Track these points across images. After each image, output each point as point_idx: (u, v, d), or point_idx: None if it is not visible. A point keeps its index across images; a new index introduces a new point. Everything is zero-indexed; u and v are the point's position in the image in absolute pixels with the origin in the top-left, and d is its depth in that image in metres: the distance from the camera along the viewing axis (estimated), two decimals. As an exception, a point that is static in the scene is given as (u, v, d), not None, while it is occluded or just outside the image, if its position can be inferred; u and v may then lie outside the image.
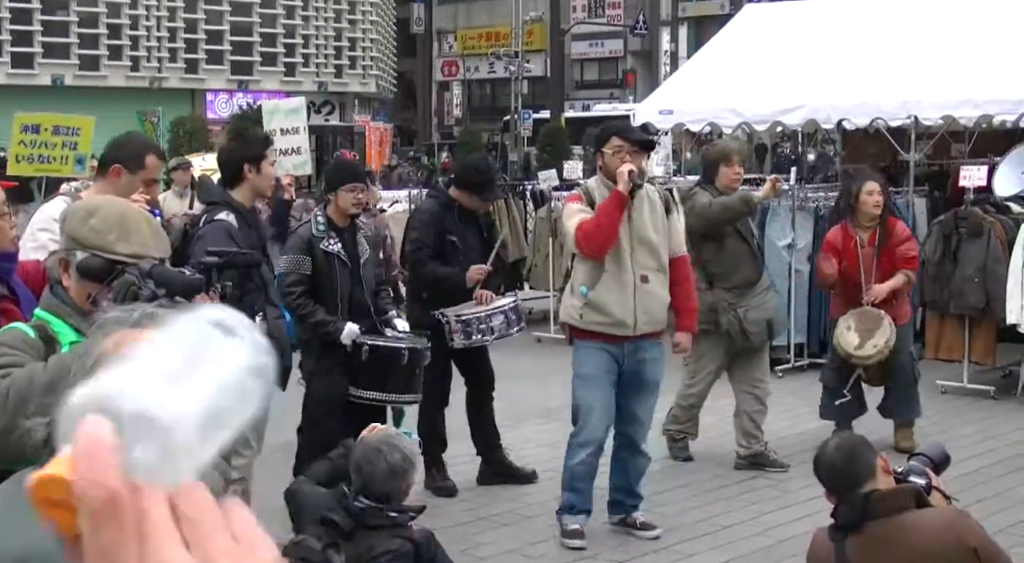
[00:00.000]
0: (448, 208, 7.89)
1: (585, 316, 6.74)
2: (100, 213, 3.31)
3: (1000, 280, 10.16)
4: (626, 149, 6.68)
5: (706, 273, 8.22)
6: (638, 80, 55.70)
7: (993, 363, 10.76)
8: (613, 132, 6.88)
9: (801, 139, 18.70)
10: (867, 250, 8.68)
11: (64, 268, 3.26)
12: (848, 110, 13.18)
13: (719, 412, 9.81)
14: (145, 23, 40.93)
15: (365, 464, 4.52)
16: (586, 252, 6.67)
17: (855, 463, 3.93)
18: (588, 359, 6.82)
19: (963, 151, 14.58)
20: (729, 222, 8.20)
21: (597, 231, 6.57)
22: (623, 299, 6.65)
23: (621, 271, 6.66)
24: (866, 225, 8.74)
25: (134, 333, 1.99)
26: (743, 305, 8.22)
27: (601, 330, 6.73)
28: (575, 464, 6.88)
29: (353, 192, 7.12)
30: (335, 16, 45.97)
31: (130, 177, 5.21)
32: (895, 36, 13.72)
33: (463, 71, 62.92)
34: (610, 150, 6.71)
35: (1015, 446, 8.93)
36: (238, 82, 43.30)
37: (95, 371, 1.91)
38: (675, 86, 15.83)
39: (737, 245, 8.32)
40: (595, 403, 6.82)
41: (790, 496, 7.68)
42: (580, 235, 6.59)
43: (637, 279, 6.67)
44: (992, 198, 11.50)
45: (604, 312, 6.68)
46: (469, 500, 7.71)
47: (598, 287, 6.66)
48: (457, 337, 7.63)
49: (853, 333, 8.60)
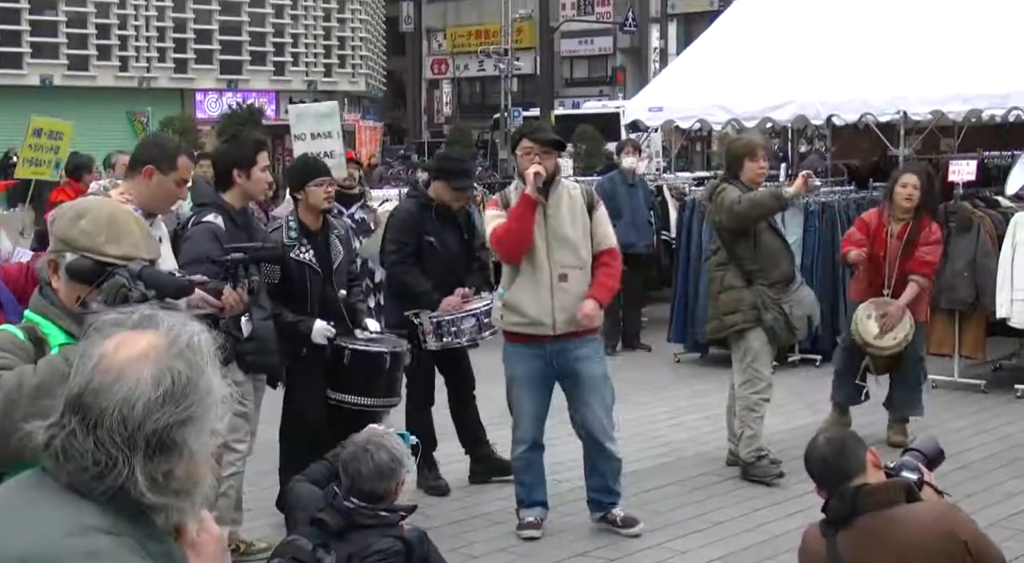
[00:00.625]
0: (426, 208, 7.83)
1: (505, 317, 6.82)
2: (90, 215, 3.30)
3: (990, 274, 10.19)
4: (535, 150, 6.66)
5: (742, 271, 8.05)
6: (627, 77, 55.78)
7: (983, 357, 10.79)
8: (523, 134, 6.91)
9: (791, 135, 18.72)
10: (895, 243, 8.65)
11: (54, 269, 3.24)
12: (837, 106, 13.22)
13: (709, 408, 9.84)
14: (134, 23, 40.83)
15: (352, 464, 4.52)
16: (502, 256, 6.80)
17: (845, 457, 3.94)
18: (514, 361, 6.90)
19: (952, 146, 14.61)
20: (759, 218, 8.02)
21: (508, 234, 6.64)
22: (538, 298, 6.67)
23: (536, 271, 6.68)
24: (899, 217, 8.70)
25: (134, 335, 2.00)
26: (787, 301, 8.03)
27: (520, 330, 6.78)
28: (513, 459, 7.06)
29: (322, 187, 6.96)
30: (324, 15, 45.90)
31: (162, 178, 5.20)
32: (884, 32, 13.74)
33: (453, 69, 62.90)
34: (521, 152, 6.71)
35: (1006, 440, 8.96)
36: (227, 81, 43.21)
37: (94, 374, 1.93)
38: (664, 83, 15.86)
39: (772, 240, 8.15)
40: (524, 404, 6.90)
41: (782, 492, 7.69)
42: (494, 240, 6.71)
43: (555, 278, 6.66)
44: (981, 192, 11.54)
45: (519, 312, 6.72)
46: (461, 499, 7.71)
47: (512, 288, 6.73)
48: (430, 339, 7.59)
49: (873, 322, 8.62)
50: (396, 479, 4.51)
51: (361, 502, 4.46)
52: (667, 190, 14.24)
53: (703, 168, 28.21)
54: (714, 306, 8.27)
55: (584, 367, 6.83)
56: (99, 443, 1.90)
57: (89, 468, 1.91)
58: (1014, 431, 9.20)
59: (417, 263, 7.70)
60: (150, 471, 1.92)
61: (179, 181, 5.27)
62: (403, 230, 7.79)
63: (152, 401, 1.92)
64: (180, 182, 5.26)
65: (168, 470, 1.95)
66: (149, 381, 1.93)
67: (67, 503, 1.93)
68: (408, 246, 7.70)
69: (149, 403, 1.92)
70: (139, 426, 1.91)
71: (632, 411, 9.90)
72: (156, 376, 1.94)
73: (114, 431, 1.90)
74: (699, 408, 10.08)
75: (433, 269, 7.73)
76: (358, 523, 4.45)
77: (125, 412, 1.91)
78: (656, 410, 10.06)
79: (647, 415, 9.86)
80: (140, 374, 1.93)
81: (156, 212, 5.34)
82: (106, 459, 1.90)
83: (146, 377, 1.93)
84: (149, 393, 1.92)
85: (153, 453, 1.92)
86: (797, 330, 8.17)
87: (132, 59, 40.74)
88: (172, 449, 1.94)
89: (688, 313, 12.06)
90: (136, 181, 5.27)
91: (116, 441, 1.90)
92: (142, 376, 1.93)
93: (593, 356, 6.92)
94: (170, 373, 1.94)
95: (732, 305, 8.05)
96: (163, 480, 1.94)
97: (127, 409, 1.91)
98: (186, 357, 1.98)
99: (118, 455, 1.90)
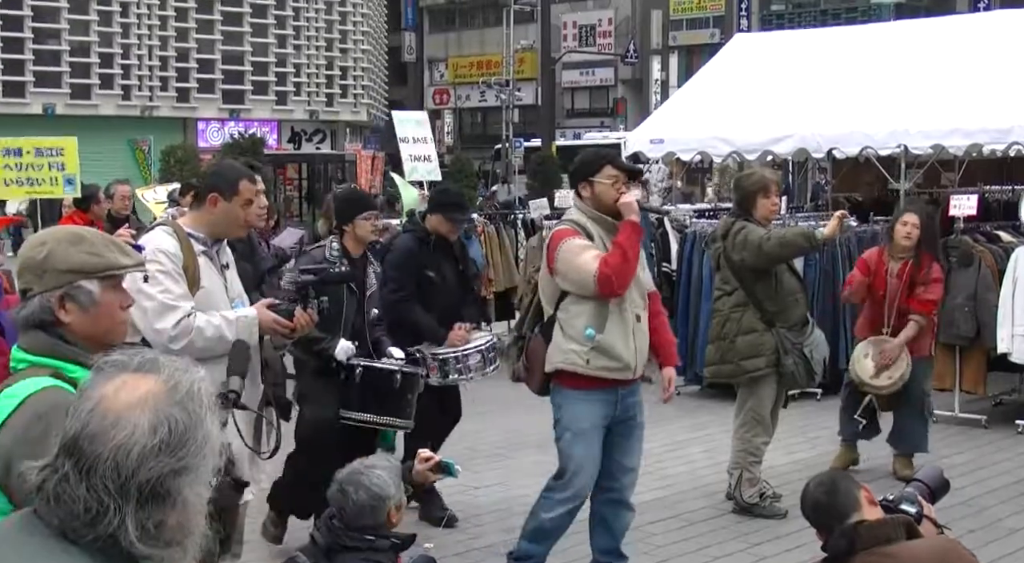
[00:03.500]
0: (423, 242, 7.85)
1: (592, 361, 6.13)
2: (80, 237, 3.26)
3: (990, 309, 10.18)
4: (621, 179, 6.25)
5: (762, 313, 7.87)
6: (629, 108, 56.02)
7: (984, 392, 10.77)
8: (606, 161, 6.33)
9: (792, 168, 18.75)
10: (895, 281, 8.66)
11: (61, 304, 3.17)
12: (838, 139, 13.23)
13: (709, 441, 9.82)
14: (137, 52, 41.01)
15: (335, 503, 4.55)
16: (614, 289, 6.05)
17: (837, 496, 3.94)
18: (588, 412, 6.24)
19: (953, 180, 14.62)
20: (787, 259, 7.93)
21: (626, 266, 6.04)
22: (626, 341, 6.17)
23: (623, 311, 6.18)
24: (899, 255, 8.71)
25: (134, 379, 1.97)
26: (807, 345, 7.89)
27: (606, 375, 6.17)
28: (550, 518, 6.37)
29: (369, 220, 7.13)
30: (326, 45, 46.10)
31: (226, 204, 5.21)
32: (884, 66, 13.79)
33: (454, 99, 63.17)
34: (607, 180, 6.19)
35: (1007, 476, 8.93)
36: (229, 111, 43.35)
37: (92, 417, 1.90)
38: (666, 115, 15.89)
39: (792, 281, 8.03)
40: (588, 460, 6.28)
41: (782, 527, 7.65)
42: (608, 271, 5.98)
43: (633, 318, 6.23)
44: (982, 227, 11.55)
45: (613, 356, 6.14)
46: (464, 530, 7.67)
47: (606, 329, 6.13)
48: (433, 375, 7.56)
49: (869, 361, 8.62)
50: (381, 512, 4.51)
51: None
52: (668, 222, 14.25)
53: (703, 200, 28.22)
54: (728, 349, 7.98)
55: (638, 412, 6.44)
56: (91, 489, 1.87)
57: (80, 515, 1.88)
58: (1015, 467, 9.17)
59: (417, 299, 7.71)
60: (141, 520, 1.89)
61: (244, 203, 5.26)
62: (403, 266, 7.78)
63: (148, 449, 1.88)
64: (245, 204, 5.25)
65: (160, 520, 1.91)
66: (146, 428, 1.89)
67: (57, 550, 1.89)
68: (409, 282, 7.70)
69: (144, 451, 1.88)
70: (133, 474, 1.87)
71: (632, 444, 9.89)
72: (153, 424, 1.90)
73: (107, 478, 1.87)
74: (699, 441, 10.05)
75: (433, 303, 7.75)
76: (343, 544, 4.48)
77: (119, 459, 1.87)
78: (656, 443, 10.01)
79: (647, 448, 9.69)
80: (138, 421, 1.89)
81: (229, 237, 5.33)
82: (97, 506, 1.87)
83: (143, 424, 1.89)
84: (145, 441, 1.88)
85: (145, 502, 1.89)
86: (815, 374, 8.08)
87: (134, 88, 40.92)
88: (165, 499, 1.90)
89: (688, 345, 12.05)
90: (203, 211, 5.33)
91: (109, 488, 1.87)
92: (139, 423, 1.89)
93: (643, 399, 6.55)
94: (168, 422, 1.91)
95: (753, 350, 7.87)
96: (155, 530, 1.90)
97: (121, 456, 1.87)
98: (185, 406, 1.94)
99: (110, 503, 1.87)
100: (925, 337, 8.90)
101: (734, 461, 8.10)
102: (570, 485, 6.30)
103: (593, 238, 6.17)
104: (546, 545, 6.47)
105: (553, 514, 6.35)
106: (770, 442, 8.18)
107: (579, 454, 6.25)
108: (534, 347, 6.37)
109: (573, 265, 6.09)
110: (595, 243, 6.16)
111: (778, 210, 8.44)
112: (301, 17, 45.05)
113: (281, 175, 42.28)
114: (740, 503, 8.02)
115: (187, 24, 41.96)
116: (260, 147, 33.02)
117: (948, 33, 14.75)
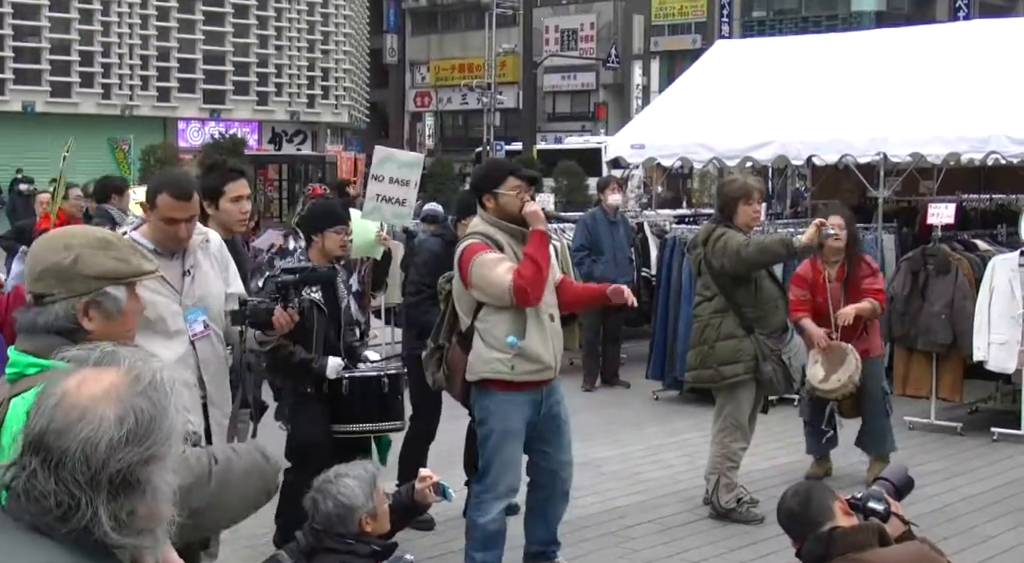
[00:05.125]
0: (451, 245, 7.81)
1: (517, 367, 6.30)
2: (109, 242, 3.23)
3: (967, 317, 10.23)
4: (524, 187, 6.40)
5: (742, 319, 7.91)
6: (610, 113, 56.11)
7: (960, 400, 10.82)
8: (507, 171, 6.50)
9: (771, 174, 18.82)
10: (835, 285, 8.75)
11: (86, 311, 3.11)
12: (818, 146, 13.29)
13: (687, 446, 9.85)
14: (117, 51, 40.89)
15: (309, 510, 4.64)
16: (530, 300, 6.22)
17: (811, 506, 4.01)
18: (515, 413, 6.41)
19: (932, 188, 14.70)
20: (765, 265, 7.96)
21: (538, 277, 6.21)
22: (545, 343, 6.35)
23: (539, 314, 6.34)
24: (832, 260, 8.81)
25: (95, 373, 1.99)
26: (786, 352, 7.96)
27: (531, 378, 6.36)
28: (489, 520, 6.48)
29: (340, 234, 6.95)
30: (308, 46, 46.05)
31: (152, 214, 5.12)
32: (865, 74, 13.86)
33: (436, 102, 63.17)
34: (511, 191, 6.33)
35: (982, 483, 8.98)
36: (210, 110, 43.27)
37: (56, 413, 1.91)
38: (647, 120, 15.94)
39: (772, 288, 8.07)
40: (517, 456, 6.54)
41: (759, 531, 7.68)
42: (522, 283, 6.13)
43: (547, 319, 6.40)
44: (959, 235, 11.62)
45: (535, 360, 6.32)
46: (441, 533, 7.67)
47: (526, 335, 6.28)
48: None
49: (819, 367, 8.67)
50: (351, 521, 4.55)
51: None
52: (648, 227, 14.32)
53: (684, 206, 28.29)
54: (708, 354, 8.01)
55: (562, 408, 6.67)
56: (61, 484, 1.88)
57: (52, 509, 1.89)
58: (991, 474, 9.23)
59: (436, 302, 7.67)
60: (114, 511, 1.90)
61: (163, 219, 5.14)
62: (427, 271, 7.76)
63: (116, 440, 1.89)
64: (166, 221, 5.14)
65: (132, 509, 1.93)
66: (113, 420, 1.91)
67: (30, 544, 1.90)
68: (430, 286, 7.64)
69: (112, 443, 1.89)
70: (102, 466, 1.89)
71: (610, 448, 9.91)
72: (120, 415, 1.91)
73: (76, 471, 1.88)
74: (677, 446, 10.08)
75: None
76: (324, 546, 4.53)
77: (88, 452, 1.88)
78: (634, 447, 10.06)
79: (625, 452, 9.87)
80: (104, 413, 1.91)
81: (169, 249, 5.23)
82: (69, 500, 1.88)
83: (109, 416, 1.91)
84: (113, 432, 1.90)
85: (117, 493, 1.90)
86: (794, 381, 8.14)
87: (115, 87, 40.81)
88: (136, 488, 1.92)
89: (667, 350, 12.08)
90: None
91: (79, 481, 1.88)
92: (105, 415, 1.91)
93: (563, 397, 6.75)
94: (134, 412, 1.92)
95: (732, 355, 7.90)
96: (127, 519, 1.92)
97: (90, 449, 1.88)
98: (149, 395, 1.96)
99: (81, 496, 1.88)
100: (874, 338, 8.97)
101: (712, 466, 8.14)
102: (500, 482, 6.48)
103: (503, 248, 6.32)
104: (497, 551, 6.57)
105: (490, 515, 6.49)
106: (748, 448, 8.22)
107: (508, 452, 6.47)
108: (453, 356, 6.52)
109: (487, 279, 6.22)
110: (505, 253, 6.30)
111: (760, 218, 8.46)
112: (283, 18, 44.99)
113: (262, 176, 42.20)
114: (717, 508, 8.06)
115: (168, 23, 41.87)
116: (241, 147, 32.94)
117: (928, 42, 14.82)
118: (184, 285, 5.05)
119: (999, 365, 10.19)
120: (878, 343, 9.10)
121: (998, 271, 10.19)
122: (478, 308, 6.36)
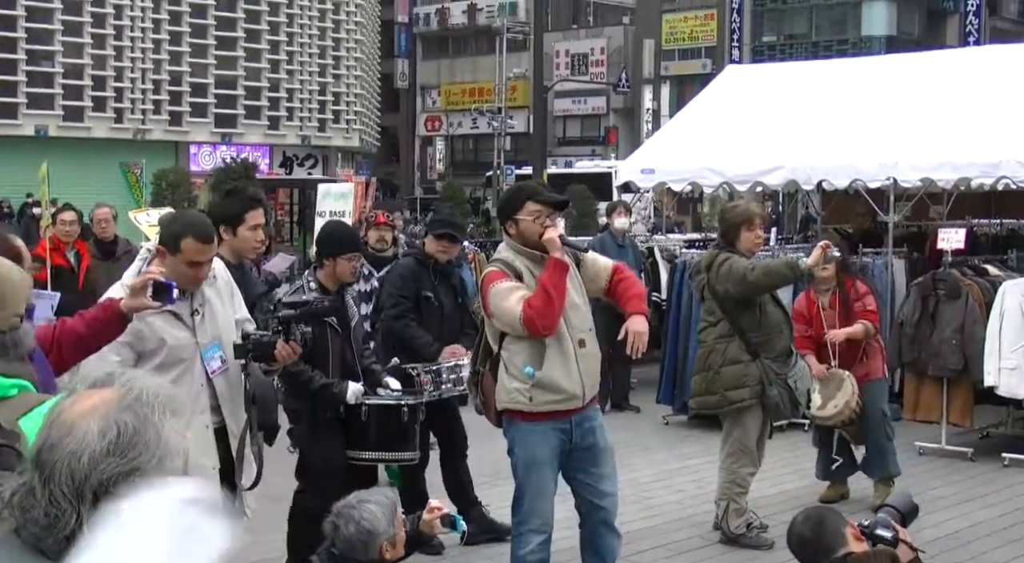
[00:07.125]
0: (423, 264, 7.95)
1: (536, 398, 6.12)
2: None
3: (978, 342, 10.22)
4: (545, 212, 6.19)
5: (747, 344, 7.89)
6: (620, 137, 56.19)
7: (971, 425, 10.79)
8: (526, 196, 6.27)
9: (782, 199, 18.82)
10: (829, 312, 8.82)
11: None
12: (828, 171, 13.29)
13: (696, 471, 9.83)
14: (130, 75, 41.10)
15: (328, 535, 4.62)
16: (540, 330, 6.02)
17: (823, 532, 3.99)
18: (540, 443, 6.22)
19: (941, 213, 14.67)
20: (771, 288, 7.95)
21: (549, 307, 5.99)
22: (569, 371, 6.12)
23: (561, 342, 6.11)
24: (824, 288, 8.87)
25: (90, 392, 2.03)
26: (792, 376, 7.93)
27: (553, 408, 6.16)
28: (528, 552, 6.31)
29: (352, 262, 6.92)
30: (319, 70, 46.24)
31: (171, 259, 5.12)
32: (875, 99, 13.87)
33: (446, 126, 63.34)
34: (529, 216, 6.15)
35: (993, 509, 8.94)
36: (222, 135, 43.43)
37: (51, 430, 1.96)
38: (657, 145, 15.96)
39: (776, 311, 8.05)
40: (547, 487, 6.29)
41: (769, 557, 7.67)
42: (532, 313, 5.96)
43: (576, 345, 6.16)
44: (970, 260, 11.60)
45: (555, 390, 6.11)
46: (451, 558, 7.66)
47: (545, 365, 6.09)
48: (427, 388, 7.50)
49: (817, 395, 8.70)
50: (372, 548, 4.53)
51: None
52: (658, 251, 14.32)
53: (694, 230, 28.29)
54: (714, 380, 7.99)
55: (601, 436, 6.37)
56: (52, 497, 1.93)
57: (40, 520, 1.93)
58: (1001, 500, 9.19)
59: (415, 318, 7.77)
60: None
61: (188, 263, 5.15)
62: (402, 285, 7.88)
63: (97, 452, 1.93)
64: (191, 265, 5.15)
65: None
66: (95, 433, 1.94)
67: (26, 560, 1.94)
68: (407, 301, 7.76)
69: (94, 454, 1.93)
70: (85, 477, 1.93)
71: (620, 473, 9.81)
72: (102, 428, 1.95)
73: (62, 483, 1.93)
74: (687, 471, 10.07)
75: (430, 325, 7.86)
76: None
77: (72, 464, 1.93)
78: (644, 472, 10.05)
79: (635, 477, 9.85)
80: (88, 427, 1.95)
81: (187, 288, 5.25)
82: (56, 512, 1.93)
83: (93, 429, 1.95)
84: (95, 445, 1.93)
85: (99, 504, 1.93)
86: (800, 405, 8.13)
87: (127, 111, 41.01)
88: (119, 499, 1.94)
89: (677, 375, 12.07)
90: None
91: (65, 493, 1.92)
92: (89, 429, 1.95)
93: (603, 422, 6.49)
94: (116, 425, 1.96)
95: (737, 380, 7.89)
96: None
97: (74, 461, 1.93)
98: (134, 409, 1.98)
99: (67, 507, 1.92)
100: (873, 360, 8.98)
101: (721, 492, 8.12)
102: (534, 514, 6.31)
103: (523, 275, 6.15)
104: None
105: (528, 547, 6.32)
106: (757, 473, 8.20)
107: (535, 482, 6.27)
108: (486, 384, 6.40)
109: (501, 309, 6.09)
110: (525, 280, 6.14)
111: (762, 243, 8.47)
112: (294, 43, 45.19)
113: (272, 200, 42.24)
114: (727, 534, 8.04)
115: (180, 48, 42.09)
116: (252, 172, 33.02)
117: (938, 67, 14.83)
118: (195, 323, 5.11)
119: (1010, 390, 10.17)
120: (878, 365, 9.09)
121: (1008, 296, 10.17)
122: (503, 336, 6.23)
